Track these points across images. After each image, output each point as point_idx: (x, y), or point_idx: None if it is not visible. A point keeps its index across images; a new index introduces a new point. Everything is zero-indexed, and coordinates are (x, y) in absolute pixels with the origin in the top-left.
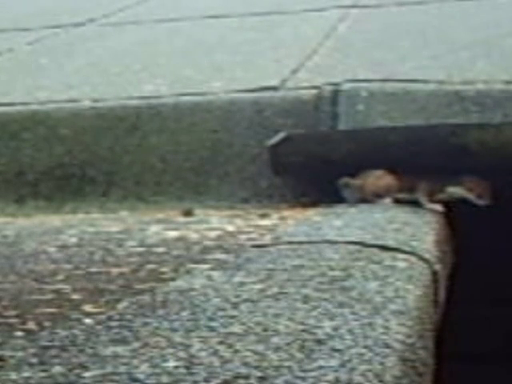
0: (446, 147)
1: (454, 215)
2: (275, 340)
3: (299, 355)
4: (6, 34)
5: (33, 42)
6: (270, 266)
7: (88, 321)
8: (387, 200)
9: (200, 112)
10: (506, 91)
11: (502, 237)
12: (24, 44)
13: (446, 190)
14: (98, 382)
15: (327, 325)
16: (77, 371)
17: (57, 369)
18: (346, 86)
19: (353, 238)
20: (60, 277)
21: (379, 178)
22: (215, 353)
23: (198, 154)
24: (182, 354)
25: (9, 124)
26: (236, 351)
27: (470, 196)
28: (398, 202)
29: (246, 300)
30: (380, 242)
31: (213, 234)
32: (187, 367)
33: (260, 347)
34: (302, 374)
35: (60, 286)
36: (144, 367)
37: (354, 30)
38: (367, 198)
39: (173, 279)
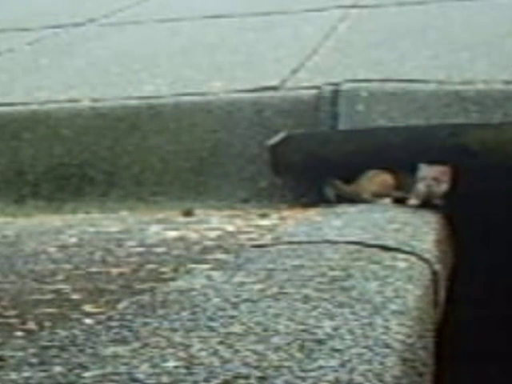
0: (446, 147)
1: (454, 215)
2: (275, 340)
3: (299, 355)
4: (5, 34)
5: (33, 42)
6: (270, 265)
7: (88, 321)
8: (386, 200)
9: (200, 112)
10: (506, 91)
11: (502, 236)
12: (24, 44)
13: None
14: (98, 382)
15: (327, 325)
16: (77, 371)
17: (57, 369)
18: (346, 86)
19: (353, 238)
20: (60, 277)
21: (376, 177)
22: (215, 353)
23: (198, 154)
24: (182, 354)
25: (9, 124)
26: (236, 351)
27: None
28: (397, 201)
29: (245, 300)
30: (380, 242)
31: (213, 233)
32: (187, 367)
33: (260, 347)
34: (302, 374)
35: (60, 286)
36: (144, 367)
37: (353, 30)
38: (365, 198)
39: (173, 279)
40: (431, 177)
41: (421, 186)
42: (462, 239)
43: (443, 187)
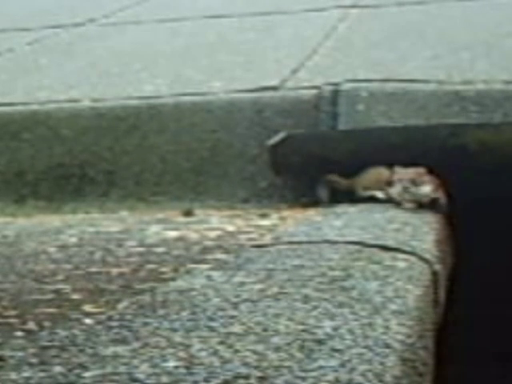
0: (446, 147)
1: (454, 215)
2: (275, 340)
3: (299, 355)
4: (5, 34)
5: (33, 42)
6: (270, 265)
7: (88, 321)
8: (379, 193)
9: (200, 112)
10: (505, 91)
11: (502, 237)
12: (24, 44)
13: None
14: (98, 382)
15: (327, 325)
16: (77, 371)
17: (57, 369)
18: (346, 86)
19: (353, 238)
20: (60, 277)
21: (372, 173)
22: (215, 353)
23: (198, 153)
24: (182, 354)
25: (9, 124)
26: (236, 351)
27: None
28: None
29: (245, 300)
30: (380, 242)
31: (213, 233)
32: (187, 367)
33: (260, 347)
34: (302, 374)
35: (60, 286)
36: (144, 367)
37: (353, 30)
38: (359, 193)
39: (173, 279)
40: (408, 178)
41: (397, 188)
42: (462, 239)
43: (425, 189)
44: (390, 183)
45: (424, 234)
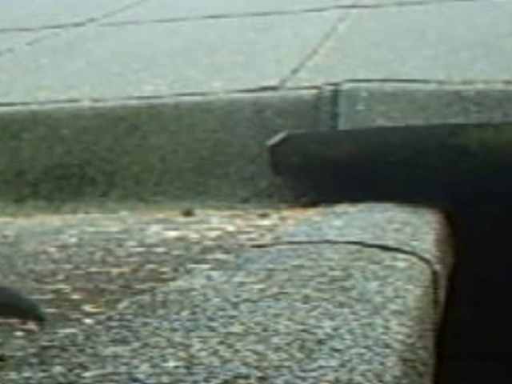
0: (446, 147)
1: (454, 215)
2: (275, 340)
3: (299, 355)
4: (5, 34)
5: (33, 42)
6: (270, 265)
7: (88, 321)
8: None
9: (200, 112)
10: (505, 91)
11: (502, 237)
12: (24, 44)
13: None
14: (98, 381)
15: (327, 325)
16: (77, 371)
17: (57, 369)
18: (346, 86)
19: (353, 238)
20: (60, 277)
21: None
22: (215, 353)
23: (198, 153)
24: (182, 354)
25: (9, 124)
26: (236, 351)
27: None
28: None
29: (246, 300)
30: (380, 242)
31: (213, 233)
32: (187, 367)
33: (260, 347)
34: (302, 374)
35: (60, 286)
36: (144, 367)
37: (353, 30)
38: None
39: (173, 279)
40: None
41: None
42: (462, 239)
43: None
44: None
45: (424, 233)
